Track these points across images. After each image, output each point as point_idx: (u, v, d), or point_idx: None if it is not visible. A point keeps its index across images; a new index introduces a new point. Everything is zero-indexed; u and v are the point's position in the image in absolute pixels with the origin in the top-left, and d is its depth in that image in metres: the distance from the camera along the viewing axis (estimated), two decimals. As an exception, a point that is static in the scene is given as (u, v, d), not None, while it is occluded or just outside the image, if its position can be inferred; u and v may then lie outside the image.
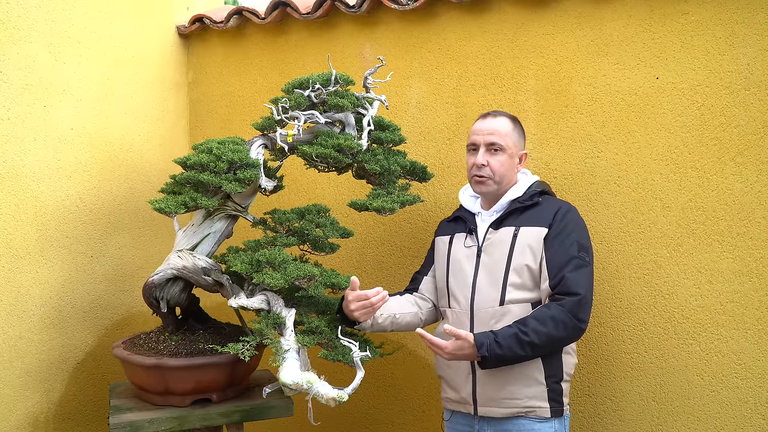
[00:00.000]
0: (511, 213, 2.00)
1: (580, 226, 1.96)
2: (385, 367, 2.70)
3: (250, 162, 2.07)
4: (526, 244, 1.93)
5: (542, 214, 1.96)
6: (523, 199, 2.00)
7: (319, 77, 2.12)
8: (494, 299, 1.93)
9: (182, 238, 2.16)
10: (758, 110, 2.04)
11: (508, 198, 2.02)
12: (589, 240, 1.98)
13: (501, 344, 1.79)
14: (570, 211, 1.97)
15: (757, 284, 2.06)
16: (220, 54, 2.99)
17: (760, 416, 2.08)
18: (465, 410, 2.00)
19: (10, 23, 2.26)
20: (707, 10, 2.10)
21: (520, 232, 1.95)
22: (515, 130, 2.04)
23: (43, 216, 2.39)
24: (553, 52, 2.34)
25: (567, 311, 1.82)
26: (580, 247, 1.91)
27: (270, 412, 2.13)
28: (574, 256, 1.88)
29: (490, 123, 2.02)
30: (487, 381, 1.93)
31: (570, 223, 1.93)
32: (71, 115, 2.49)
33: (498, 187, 2.02)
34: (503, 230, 1.98)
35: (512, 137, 2.02)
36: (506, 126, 2.02)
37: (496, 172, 2.00)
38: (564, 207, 1.97)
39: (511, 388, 1.90)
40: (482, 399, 1.94)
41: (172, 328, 2.21)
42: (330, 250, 2.20)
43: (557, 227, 1.92)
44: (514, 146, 2.02)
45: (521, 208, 1.99)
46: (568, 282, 1.84)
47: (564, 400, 1.94)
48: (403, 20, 2.59)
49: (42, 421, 2.41)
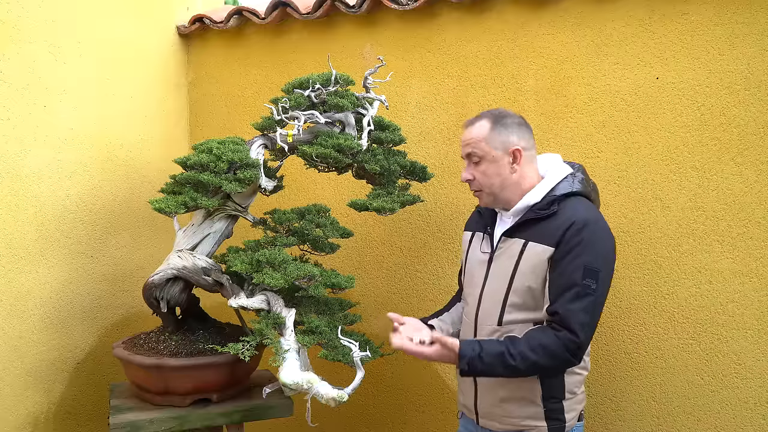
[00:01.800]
0: (527, 222, 1.81)
1: (593, 246, 1.71)
2: (385, 367, 2.70)
3: (250, 162, 2.07)
4: (531, 264, 1.77)
5: (554, 228, 1.74)
6: (540, 207, 1.80)
7: (319, 77, 2.12)
8: (494, 318, 1.83)
9: (182, 238, 2.16)
10: (758, 110, 2.04)
11: (526, 202, 1.82)
12: (605, 260, 1.75)
13: (484, 361, 1.69)
14: (585, 227, 1.72)
15: (757, 284, 2.06)
16: (220, 54, 2.99)
17: (760, 416, 2.08)
18: (470, 416, 1.97)
19: (10, 23, 2.26)
20: (707, 10, 2.10)
21: (528, 248, 1.78)
22: (494, 130, 1.81)
23: (43, 216, 2.39)
24: (553, 52, 2.34)
25: (562, 344, 1.68)
26: (586, 272, 1.69)
27: (270, 412, 2.13)
28: (576, 283, 1.69)
29: (468, 133, 1.85)
30: (486, 395, 1.87)
31: (582, 242, 1.70)
32: (71, 115, 2.49)
33: (495, 197, 1.85)
34: (514, 241, 1.82)
35: (490, 140, 1.81)
36: (482, 130, 1.82)
37: (483, 184, 1.84)
38: (579, 221, 1.72)
39: (508, 406, 1.83)
40: (482, 411, 1.90)
41: (172, 328, 2.21)
42: (330, 250, 2.20)
43: (565, 247, 1.71)
44: (493, 149, 1.81)
45: (536, 219, 1.79)
46: (564, 316, 1.69)
47: (566, 416, 1.81)
48: (403, 20, 2.59)
49: (42, 421, 2.41)
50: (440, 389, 2.61)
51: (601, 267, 1.72)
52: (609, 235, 1.78)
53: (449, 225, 2.54)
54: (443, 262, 2.57)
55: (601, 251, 1.74)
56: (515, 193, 1.84)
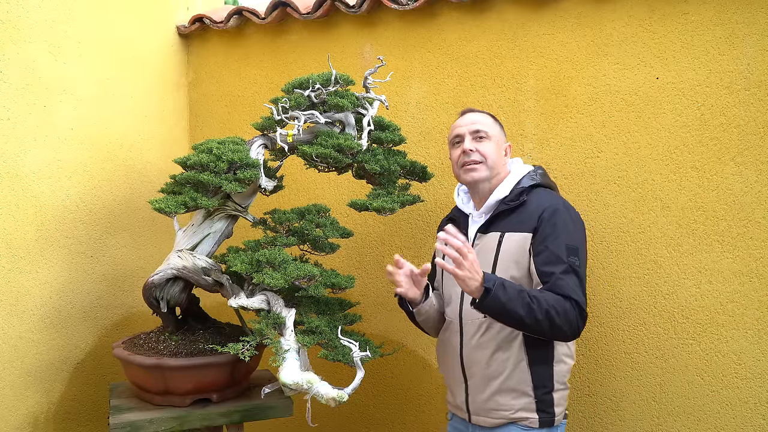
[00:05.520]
0: (498, 215, 1.92)
1: (569, 227, 1.84)
2: (385, 367, 2.70)
3: (250, 162, 2.07)
4: (511, 253, 1.85)
5: (527, 216, 1.86)
6: (510, 199, 1.92)
7: (319, 77, 2.12)
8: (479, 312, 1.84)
9: (182, 238, 2.16)
10: (758, 110, 2.04)
11: (495, 197, 1.95)
12: (581, 239, 1.87)
13: (506, 289, 1.71)
14: (557, 211, 1.84)
15: (757, 284, 2.06)
16: (220, 54, 2.99)
17: (760, 416, 2.08)
18: (461, 415, 2.00)
19: (10, 23, 2.26)
20: (707, 10, 2.10)
21: (505, 239, 1.87)
22: (496, 124, 2.03)
23: (43, 216, 2.39)
24: (553, 52, 2.34)
25: (572, 307, 1.74)
26: (569, 250, 1.80)
27: (270, 412, 2.13)
28: (562, 260, 1.78)
29: (471, 116, 2.01)
30: (477, 391, 1.91)
31: (558, 224, 1.82)
32: (71, 115, 2.49)
33: (490, 173, 1.95)
34: (489, 236, 1.92)
35: (495, 128, 2.00)
36: (488, 119, 2.02)
37: (487, 156, 1.94)
38: (550, 207, 1.85)
39: (499, 399, 1.87)
40: (474, 408, 1.93)
41: (172, 328, 2.21)
42: (330, 250, 2.20)
43: (543, 231, 1.82)
44: (498, 136, 2.00)
45: (507, 210, 1.91)
46: (563, 289, 1.76)
47: (556, 410, 1.88)
48: (403, 20, 2.59)
49: (42, 421, 2.41)
50: (440, 389, 2.61)
51: (579, 245, 1.84)
52: (578, 217, 1.91)
53: (449, 225, 2.54)
54: (443, 262, 2.57)
55: (577, 233, 1.86)
56: (496, 178, 1.97)
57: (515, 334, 1.85)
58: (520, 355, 1.85)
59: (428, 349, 2.62)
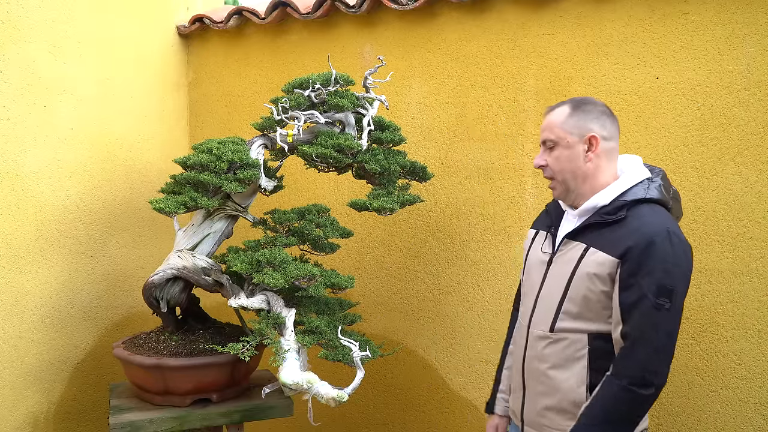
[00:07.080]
0: (590, 225, 1.69)
1: (664, 261, 1.57)
2: (385, 367, 2.70)
3: (250, 162, 2.07)
4: (590, 271, 1.64)
5: (620, 238, 1.61)
6: (607, 211, 1.67)
7: (319, 77, 2.12)
8: (546, 324, 1.72)
9: (182, 238, 2.16)
10: (758, 110, 2.04)
11: (594, 203, 1.70)
12: (680, 277, 1.60)
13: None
14: (653, 243, 1.57)
15: (757, 284, 2.06)
16: (220, 54, 2.99)
17: (760, 416, 2.08)
18: (515, 422, 1.88)
19: (10, 23, 2.26)
20: (707, 10, 2.10)
21: (588, 254, 1.66)
22: (573, 115, 1.70)
23: (43, 216, 2.39)
24: (553, 52, 2.34)
25: (627, 384, 1.57)
26: (659, 290, 1.56)
27: (270, 412, 2.13)
28: (647, 301, 1.56)
29: (547, 118, 1.75)
30: (532, 402, 1.78)
31: (652, 257, 1.57)
32: (71, 115, 2.49)
33: (566, 187, 1.73)
34: (575, 245, 1.70)
35: (567, 124, 1.70)
36: (561, 115, 1.71)
37: (555, 171, 1.72)
38: (647, 234, 1.58)
39: (552, 415, 1.72)
40: (527, 419, 1.80)
41: (172, 328, 2.21)
42: (330, 250, 2.20)
43: (633, 264, 1.58)
44: (569, 134, 1.69)
45: (600, 224, 1.67)
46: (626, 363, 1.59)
47: None
48: (403, 20, 2.59)
49: (42, 420, 2.41)
50: (440, 389, 2.61)
51: (675, 284, 1.58)
52: (682, 249, 1.61)
53: (449, 225, 2.54)
54: (443, 262, 2.57)
55: (677, 266, 1.59)
56: (588, 186, 1.71)
57: (581, 354, 1.68)
58: (581, 377, 1.68)
59: (428, 349, 2.62)
